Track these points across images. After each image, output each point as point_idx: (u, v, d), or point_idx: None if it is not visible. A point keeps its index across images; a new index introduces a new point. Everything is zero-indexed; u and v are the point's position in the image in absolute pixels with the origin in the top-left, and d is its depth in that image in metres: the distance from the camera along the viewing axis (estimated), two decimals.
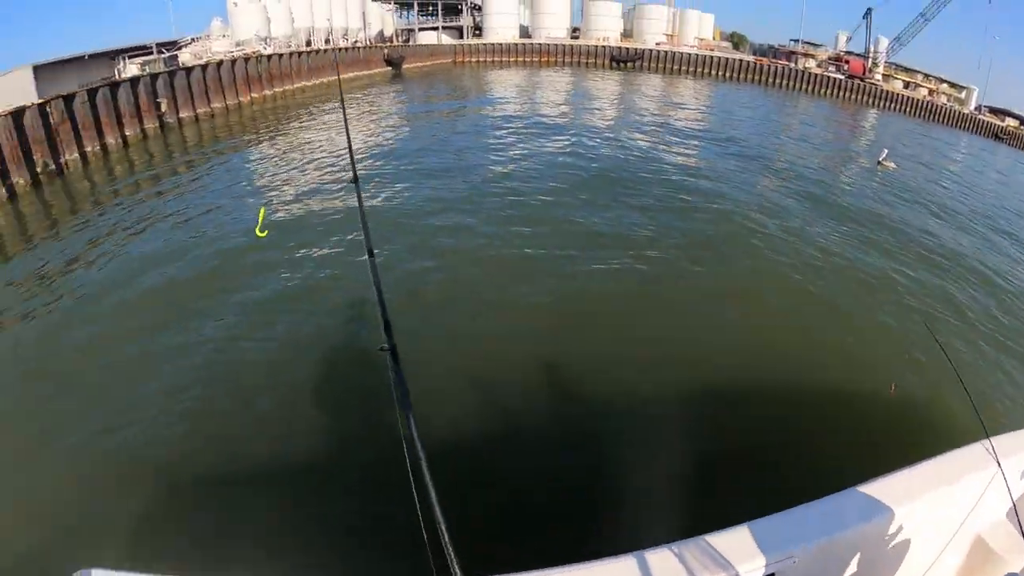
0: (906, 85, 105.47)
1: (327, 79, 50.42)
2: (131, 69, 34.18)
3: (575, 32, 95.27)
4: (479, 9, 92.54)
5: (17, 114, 23.75)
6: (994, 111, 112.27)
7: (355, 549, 5.67)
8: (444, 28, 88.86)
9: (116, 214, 17.69)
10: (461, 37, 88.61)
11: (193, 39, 48.39)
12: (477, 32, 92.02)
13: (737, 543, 3.10)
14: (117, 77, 32.63)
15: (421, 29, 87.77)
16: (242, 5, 50.00)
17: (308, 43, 57.87)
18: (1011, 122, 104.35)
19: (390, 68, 62.81)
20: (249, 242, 12.89)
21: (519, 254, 12.77)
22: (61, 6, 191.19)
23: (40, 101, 25.62)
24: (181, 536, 5.87)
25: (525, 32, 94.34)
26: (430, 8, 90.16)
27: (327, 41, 62.87)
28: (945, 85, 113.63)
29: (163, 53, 40.06)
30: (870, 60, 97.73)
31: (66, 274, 13.27)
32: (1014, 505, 3.37)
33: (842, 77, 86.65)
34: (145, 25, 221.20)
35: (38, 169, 24.19)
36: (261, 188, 17.46)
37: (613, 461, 7.02)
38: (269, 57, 44.48)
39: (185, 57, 41.06)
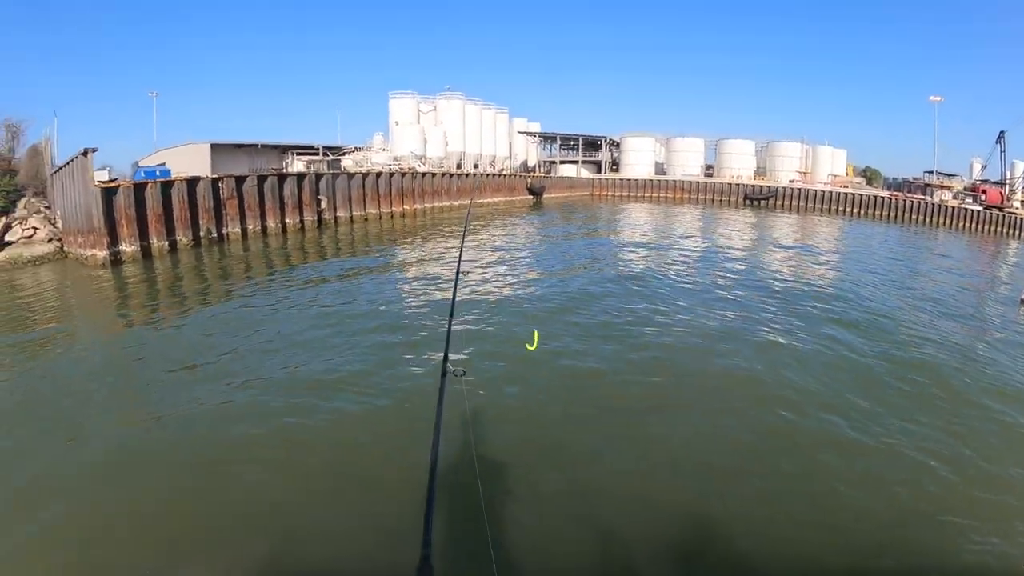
0: None
1: (473, 201, 51.02)
2: (298, 165, 35.78)
3: (709, 169, 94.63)
4: (617, 145, 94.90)
5: (192, 182, 25.71)
6: None
7: None
8: (583, 162, 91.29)
9: (262, 287, 17.32)
10: (599, 171, 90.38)
11: (356, 148, 51.45)
12: (614, 167, 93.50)
13: None
14: (285, 169, 33.87)
15: (562, 162, 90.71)
16: (403, 125, 53.13)
17: (458, 165, 60.08)
18: None
19: (531, 196, 63.57)
20: (383, 342, 11.61)
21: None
22: (241, 96, 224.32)
23: (214, 176, 27.27)
24: None
25: (660, 169, 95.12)
26: (572, 143, 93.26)
27: (476, 166, 65.59)
28: None
29: (327, 156, 41.93)
30: (1007, 187, 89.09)
31: (209, 335, 12.86)
32: None
33: (979, 208, 78.29)
34: (314, 128, 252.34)
35: (201, 233, 25.43)
36: (401, 296, 15.46)
37: None
38: (423, 175, 45.96)
39: (347, 163, 43.16)
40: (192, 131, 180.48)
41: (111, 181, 24.19)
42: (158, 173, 26.62)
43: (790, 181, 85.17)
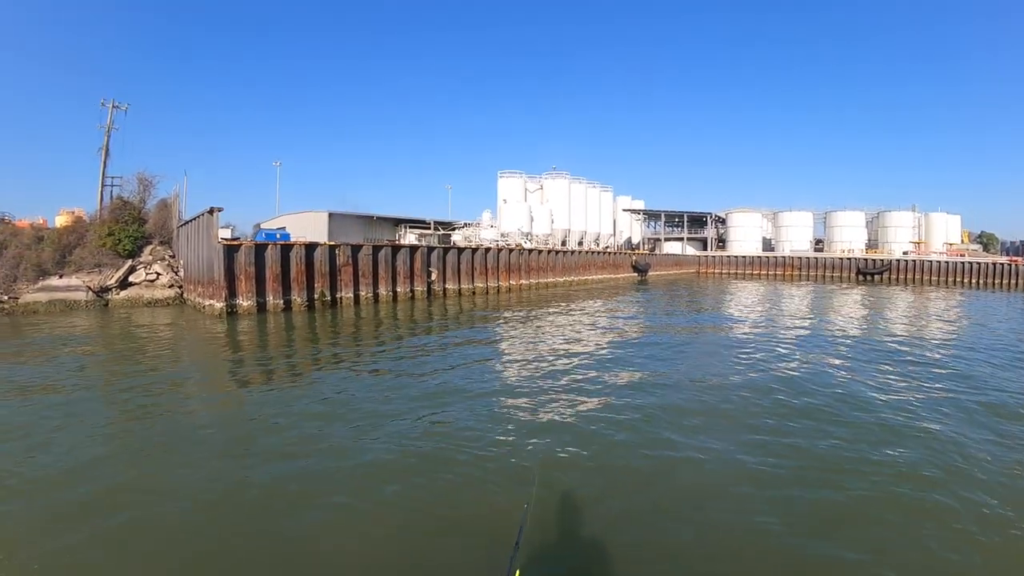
0: None
1: (577, 277, 50.81)
2: (409, 237, 36.26)
3: (818, 244, 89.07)
4: (723, 222, 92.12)
5: (311, 247, 26.35)
6: None
7: None
8: (688, 239, 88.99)
9: (368, 355, 16.39)
10: (705, 248, 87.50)
11: (465, 224, 52.02)
12: (720, 244, 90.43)
13: None
14: (397, 241, 34.15)
15: (667, 239, 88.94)
16: (511, 204, 53.47)
17: (563, 242, 59.39)
18: None
19: (636, 273, 62.14)
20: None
21: None
22: (358, 168, 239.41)
23: (332, 243, 27.77)
24: None
25: (768, 245, 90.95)
26: (676, 219, 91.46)
27: (580, 243, 64.85)
28: None
29: (439, 230, 42.28)
30: None
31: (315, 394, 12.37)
32: None
33: None
34: (425, 203, 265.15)
35: (315, 295, 25.84)
36: (502, 375, 13.87)
37: None
38: (530, 251, 45.57)
39: (457, 238, 43.39)
40: (310, 200, 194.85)
41: (234, 239, 25.56)
42: (278, 236, 27.73)
43: (904, 253, 78.63)
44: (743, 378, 13.47)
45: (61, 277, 28.02)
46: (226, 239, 24.30)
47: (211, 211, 24.25)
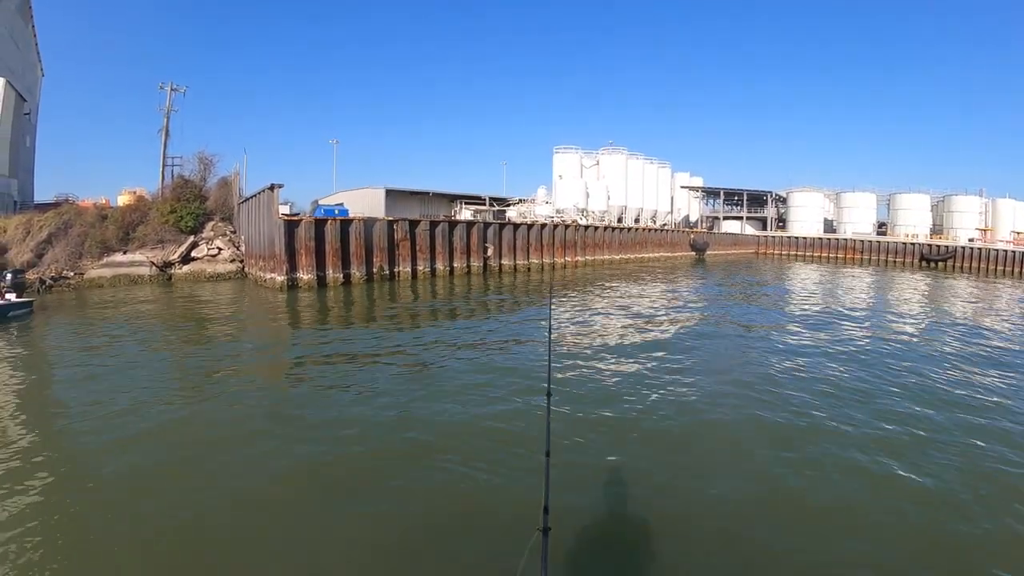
0: None
1: (633, 255, 49.84)
2: (465, 213, 36.15)
3: (881, 227, 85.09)
4: (784, 201, 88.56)
5: (369, 222, 26.61)
6: None
7: None
8: (748, 218, 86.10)
9: (425, 327, 16.59)
10: (764, 228, 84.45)
11: (520, 200, 51.40)
12: (781, 224, 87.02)
13: None
14: (453, 217, 33.94)
15: (726, 218, 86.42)
16: (566, 179, 52.41)
17: (620, 219, 58.23)
18: None
19: (694, 253, 60.80)
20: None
21: None
22: (415, 144, 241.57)
23: (390, 219, 28.09)
24: None
25: (829, 226, 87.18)
26: (735, 198, 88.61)
27: (637, 220, 63.59)
28: None
29: (493, 206, 41.92)
30: None
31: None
32: None
33: None
34: (481, 179, 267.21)
35: (374, 270, 26.11)
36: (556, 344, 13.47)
37: None
38: (586, 228, 44.85)
39: (511, 214, 43.06)
40: (366, 177, 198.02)
41: (294, 215, 25.92)
42: (337, 212, 27.79)
43: (969, 240, 74.41)
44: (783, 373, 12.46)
45: (125, 253, 28.70)
46: (286, 215, 24.70)
47: (271, 187, 24.62)
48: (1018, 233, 79.22)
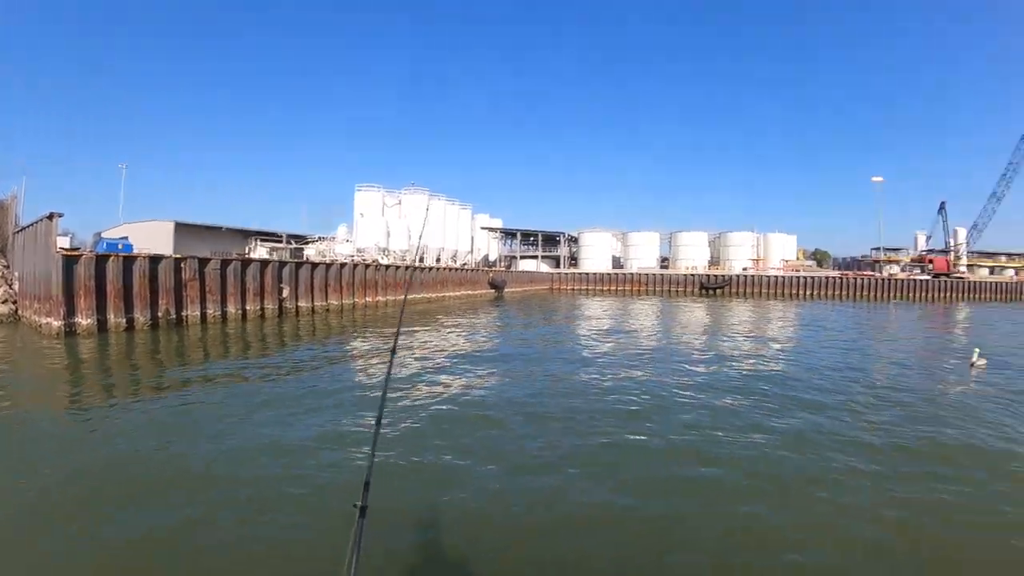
0: (991, 271, 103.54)
1: (435, 294, 51.50)
2: (260, 251, 35.63)
3: (664, 262, 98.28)
4: (575, 240, 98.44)
5: (155, 259, 24.98)
6: None
7: None
8: (543, 257, 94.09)
9: (212, 382, 15.28)
10: (558, 266, 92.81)
11: (320, 238, 51.63)
12: (573, 261, 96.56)
13: None
14: (248, 255, 33.52)
15: (522, 257, 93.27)
16: (368, 217, 53.89)
17: (421, 259, 60.75)
18: None
19: (493, 290, 64.38)
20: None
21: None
22: (207, 174, 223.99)
23: (177, 256, 26.53)
24: None
25: (617, 262, 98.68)
26: (531, 238, 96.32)
27: (438, 259, 67.01)
28: None
29: (291, 244, 41.77)
30: (952, 254, 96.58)
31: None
32: None
33: (928, 278, 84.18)
34: (279, 215, 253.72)
35: (160, 313, 24.54)
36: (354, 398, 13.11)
37: None
38: (387, 267, 45.76)
39: (310, 252, 42.93)
40: (156, 208, 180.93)
41: (74, 249, 23.57)
42: (120, 247, 26.31)
43: (743, 269, 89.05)
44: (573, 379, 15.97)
45: None
46: (65, 249, 22.31)
47: (50, 216, 22.30)
48: (786, 261, 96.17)
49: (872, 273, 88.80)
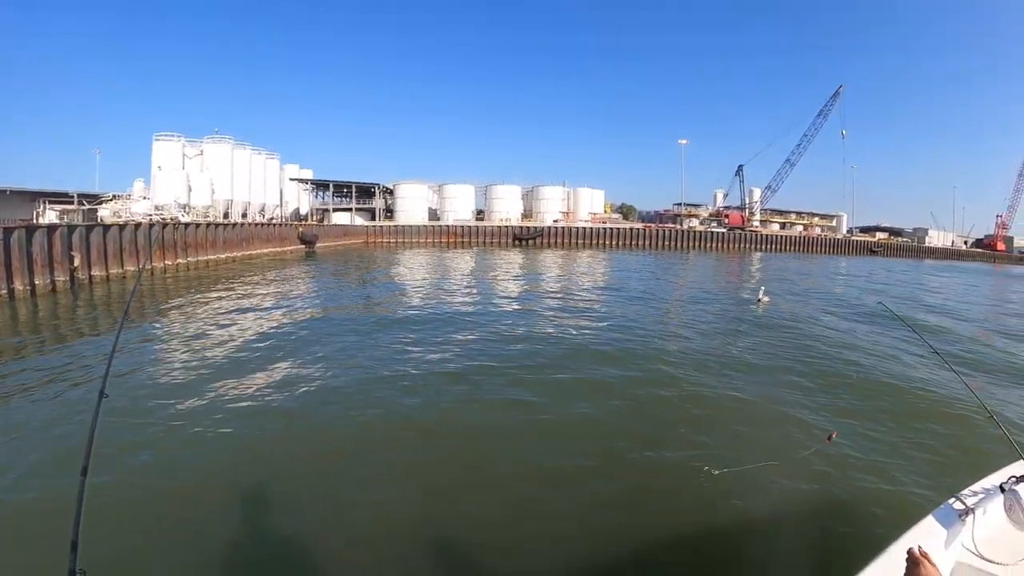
0: (782, 226, 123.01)
1: (240, 253, 49.54)
2: (50, 215, 32.75)
3: (479, 214, 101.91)
4: (391, 192, 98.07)
5: None
6: (864, 230, 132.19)
7: None
8: (357, 210, 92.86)
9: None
10: (374, 219, 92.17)
11: (115, 196, 48.04)
12: (389, 214, 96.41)
13: None
14: (35, 220, 30.88)
15: (335, 210, 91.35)
16: (166, 171, 50.61)
17: (226, 215, 58.57)
18: (880, 236, 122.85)
19: (304, 246, 62.48)
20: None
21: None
22: None
23: None
24: None
25: (434, 215, 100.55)
26: (345, 190, 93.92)
27: (244, 215, 64.22)
28: (816, 218, 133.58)
29: (84, 205, 39.00)
30: (747, 211, 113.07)
31: None
32: None
33: (724, 230, 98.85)
34: (69, 172, 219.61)
35: None
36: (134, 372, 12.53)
37: None
38: (187, 226, 43.32)
39: (104, 213, 40.04)
40: None
41: None
42: None
43: (554, 221, 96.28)
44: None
45: None
46: None
47: None
48: (594, 214, 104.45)
49: (673, 225, 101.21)
